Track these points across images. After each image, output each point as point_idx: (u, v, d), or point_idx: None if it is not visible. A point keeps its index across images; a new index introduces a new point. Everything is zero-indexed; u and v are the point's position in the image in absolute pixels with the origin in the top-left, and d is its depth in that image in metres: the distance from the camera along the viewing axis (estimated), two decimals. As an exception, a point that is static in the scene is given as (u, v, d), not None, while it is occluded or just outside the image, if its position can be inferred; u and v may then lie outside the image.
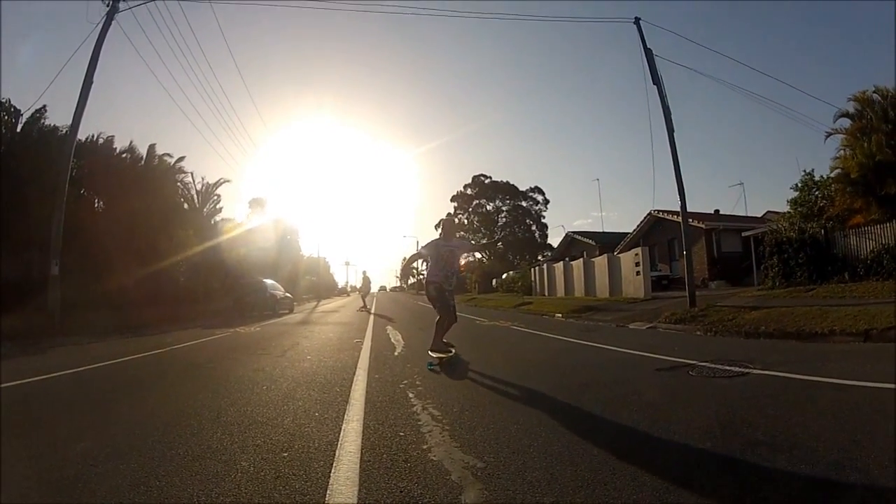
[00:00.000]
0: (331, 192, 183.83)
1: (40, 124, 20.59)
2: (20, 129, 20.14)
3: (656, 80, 14.63)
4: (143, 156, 25.39)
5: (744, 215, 32.60)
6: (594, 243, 36.94)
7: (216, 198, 33.27)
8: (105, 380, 6.63)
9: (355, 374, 6.25)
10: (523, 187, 74.81)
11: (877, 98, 17.29)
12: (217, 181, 33.16)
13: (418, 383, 5.55)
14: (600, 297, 22.73)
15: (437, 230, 78.52)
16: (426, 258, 7.20)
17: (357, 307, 24.81)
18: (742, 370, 5.49)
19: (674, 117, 14.50)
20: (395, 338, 10.75)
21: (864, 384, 4.50)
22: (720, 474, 2.62)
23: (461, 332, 12.28)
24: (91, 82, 15.06)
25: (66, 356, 8.95)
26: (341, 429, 3.74)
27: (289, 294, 27.03)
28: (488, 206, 74.80)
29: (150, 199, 23.07)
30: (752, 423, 3.49)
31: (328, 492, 2.56)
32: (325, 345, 9.86)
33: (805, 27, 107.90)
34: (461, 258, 7.80)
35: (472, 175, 78.78)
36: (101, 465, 3.05)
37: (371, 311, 21.53)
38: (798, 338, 7.89)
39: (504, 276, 48.43)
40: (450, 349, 7.00)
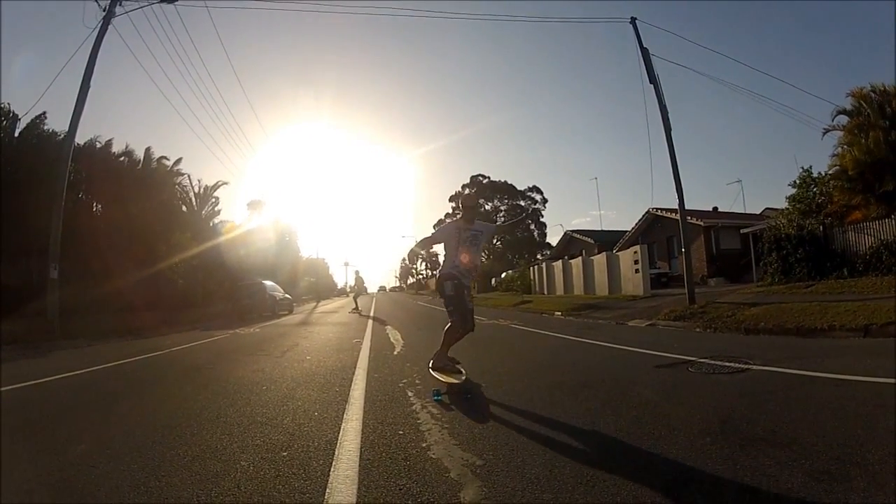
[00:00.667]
0: (329, 193, 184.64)
1: (39, 129, 20.60)
2: (18, 135, 20.15)
3: (653, 79, 14.67)
4: (141, 159, 25.37)
5: (742, 212, 32.64)
6: (593, 242, 36.90)
7: (214, 200, 33.38)
8: (105, 382, 6.62)
9: (355, 373, 6.25)
10: (521, 187, 75.02)
11: (874, 95, 17.34)
12: (215, 184, 33.31)
13: (417, 382, 5.55)
14: (600, 294, 22.76)
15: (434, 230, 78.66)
16: (435, 244, 5.91)
17: (350, 309, 23.01)
18: (742, 366, 5.49)
19: (671, 116, 14.56)
20: (395, 337, 10.74)
21: (863, 379, 4.49)
22: (721, 470, 2.61)
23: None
24: (88, 87, 15.05)
25: (65, 359, 8.94)
26: (341, 428, 3.74)
27: (288, 295, 26.98)
28: (487, 206, 74.90)
29: (148, 202, 23.12)
30: (752, 418, 3.50)
31: (328, 490, 2.55)
32: (324, 345, 9.85)
33: (803, 24, 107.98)
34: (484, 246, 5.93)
35: (469, 175, 78.98)
36: (101, 466, 3.05)
37: (370, 315, 19.56)
38: (798, 334, 7.88)
39: (503, 274, 48.47)
40: (458, 369, 5.38)
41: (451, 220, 4.40)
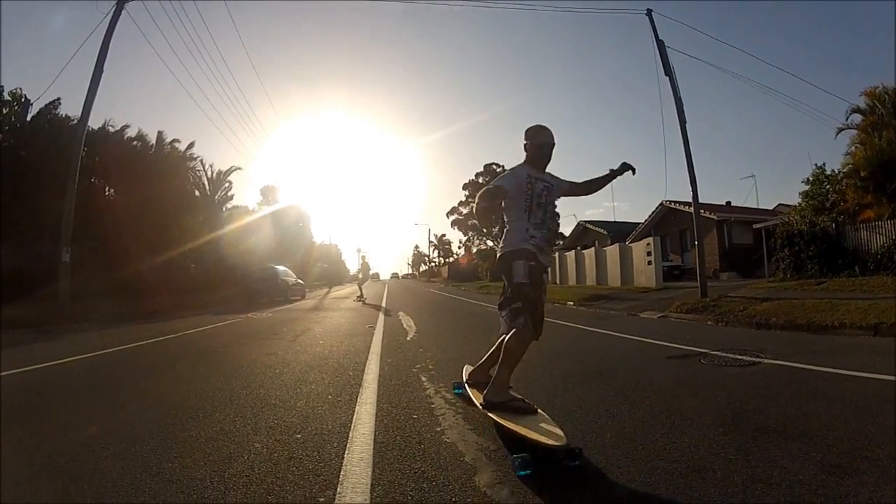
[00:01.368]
0: (342, 180, 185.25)
1: (52, 114, 20.70)
2: (30, 119, 20.26)
3: (668, 71, 14.45)
4: (153, 143, 25.46)
5: (755, 207, 32.28)
6: (606, 233, 36.68)
7: (228, 185, 33.45)
8: (116, 365, 6.59)
9: (368, 358, 6.28)
10: (536, 176, 74.61)
11: (888, 95, 17.21)
12: (228, 169, 33.37)
13: (431, 367, 5.59)
14: (612, 286, 22.66)
15: (448, 217, 78.89)
16: (503, 199, 3.52)
17: (354, 297, 20.98)
18: (753, 360, 5.48)
19: (686, 109, 14.39)
20: (407, 323, 10.77)
21: (873, 376, 4.48)
22: (734, 461, 2.62)
23: (474, 318, 12.33)
24: (101, 71, 15.09)
25: (76, 343, 8.92)
26: (354, 411, 3.76)
27: (300, 280, 27.06)
28: (500, 195, 74.61)
29: (160, 186, 23.16)
30: (764, 410, 3.50)
31: (342, 472, 2.57)
32: (336, 330, 9.88)
33: (819, 20, 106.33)
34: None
35: (483, 164, 78.69)
36: (113, 447, 3.07)
37: (381, 303, 18.52)
38: (808, 330, 7.87)
39: (515, 263, 48.31)
40: (530, 406, 3.26)
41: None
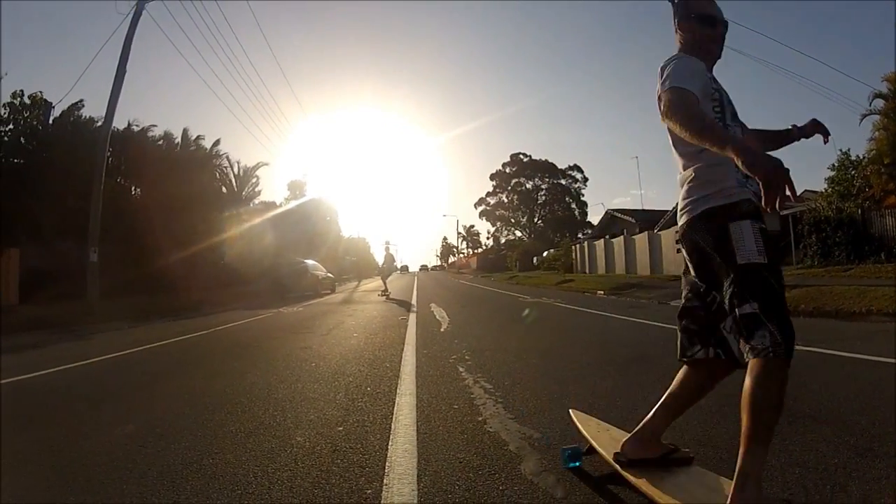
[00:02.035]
0: (369, 173, 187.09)
1: (74, 116, 21.17)
2: (52, 122, 20.75)
3: None
4: (179, 141, 25.88)
5: None
6: (634, 221, 36.89)
7: (255, 180, 33.90)
8: (149, 362, 6.60)
9: (404, 349, 6.31)
10: (562, 165, 74.96)
11: None
12: (255, 165, 33.83)
13: (468, 358, 5.59)
14: (641, 274, 23.03)
15: (476, 208, 78.61)
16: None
17: (378, 292, 19.45)
18: None
19: None
20: (440, 315, 10.82)
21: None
22: (771, 445, 2.59)
23: (506, 310, 12.29)
24: (124, 71, 15.31)
25: (107, 341, 8.96)
26: (395, 402, 3.76)
27: (330, 274, 27.29)
28: (527, 185, 74.92)
29: (187, 183, 23.55)
30: (796, 396, 3.50)
31: (387, 464, 2.56)
32: (369, 323, 9.94)
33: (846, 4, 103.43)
34: None
35: (510, 154, 78.65)
36: (151, 445, 3.05)
37: (411, 298, 17.29)
38: (836, 317, 8.07)
39: (545, 253, 48.55)
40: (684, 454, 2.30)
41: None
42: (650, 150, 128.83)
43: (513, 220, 76.64)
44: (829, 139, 2.34)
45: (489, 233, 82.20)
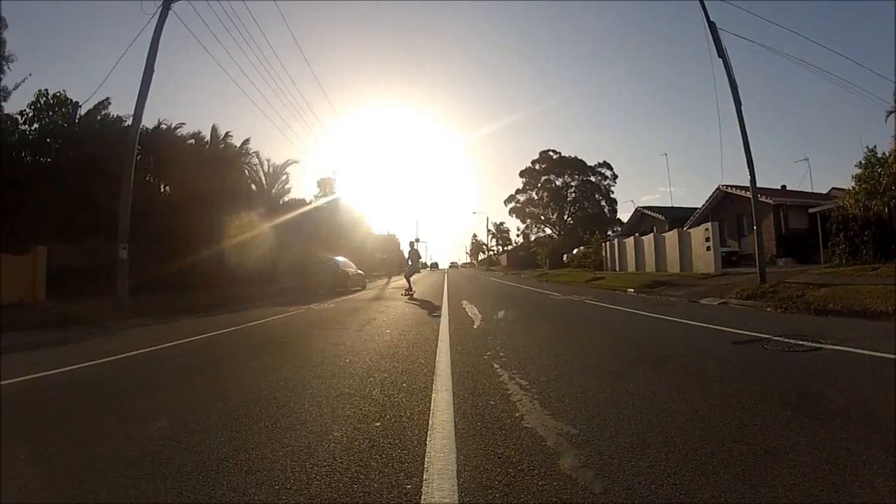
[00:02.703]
0: (400, 171, 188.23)
1: (101, 114, 21.62)
2: (78, 120, 21.22)
3: (721, 53, 14.46)
4: (208, 139, 26.29)
5: (810, 191, 32.18)
6: (663, 218, 37.20)
7: (284, 178, 34.28)
8: (180, 358, 6.58)
9: (437, 346, 6.36)
10: (591, 162, 74.71)
11: None
12: (284, 162, 34.15)
13: (502, 355, 5.62)
14: (671, 272, 23.13)
15: (505, 206, 78.52)
16: None
17: (402, 291, 18.76)
18: (815, 345, 5.67)
19: (739, 90, 14.34)
20: (472, 312, 10.88)
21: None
22: (802, 442, 2.73)
23: (538, 308, 12.23)
24: (152, 70, 15.56)
25: (137, 337, 8.96)
26: (431, 398, 3.80)
27: (360, 271, 27.48)
28: (557, 182, 74.65)
29: (216, 181, 23.90)
30: (828, 395, 3.62)
31: (426, 459, 2.58)
32: (402, 319, 10.01)
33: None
34: None
35: (539, 151, 78.37)
36: (184, 440, 3.08)
37: (443, 295, 17.40)
38: (864, 316, 8.12)
39: (574, 251, 48.41)
40: None
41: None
42: (679, 147, 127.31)
43: (542, 217, 76.42)
44: None
45: (519, 230, 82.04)
